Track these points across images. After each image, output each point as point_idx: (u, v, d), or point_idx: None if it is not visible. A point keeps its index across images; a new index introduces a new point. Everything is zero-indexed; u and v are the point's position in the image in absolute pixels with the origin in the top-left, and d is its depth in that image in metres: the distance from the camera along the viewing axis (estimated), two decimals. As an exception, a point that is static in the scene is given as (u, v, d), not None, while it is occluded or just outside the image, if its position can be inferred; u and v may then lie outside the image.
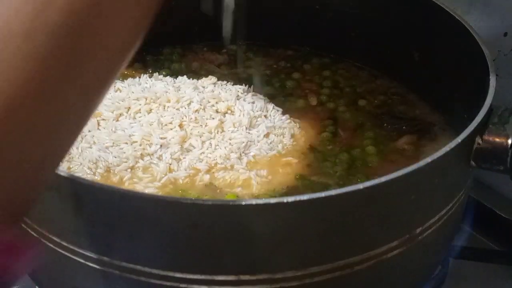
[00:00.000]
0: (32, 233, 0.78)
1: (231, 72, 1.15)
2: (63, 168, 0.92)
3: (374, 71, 1.15)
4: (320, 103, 1.08)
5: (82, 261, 0.75)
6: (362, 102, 1.08)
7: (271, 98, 1.07)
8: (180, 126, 0.96)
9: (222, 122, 0.97)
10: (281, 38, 1.21)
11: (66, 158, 0.93)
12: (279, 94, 1.09)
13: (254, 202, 0.67)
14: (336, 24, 1.15)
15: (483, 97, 0.81)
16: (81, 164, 0.92)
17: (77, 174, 0.89)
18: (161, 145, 0.93)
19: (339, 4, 1.14)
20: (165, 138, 0.93)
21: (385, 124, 1.03)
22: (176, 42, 1.20)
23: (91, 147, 0.93)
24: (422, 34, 1.05)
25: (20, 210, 0.48)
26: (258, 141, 0.96)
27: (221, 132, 0.96)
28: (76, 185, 0.69)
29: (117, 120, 0.98)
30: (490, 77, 0.84)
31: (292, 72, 1.15)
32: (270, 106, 1.03)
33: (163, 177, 0.89)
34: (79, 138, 0.95)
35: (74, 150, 0.93)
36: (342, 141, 1.00)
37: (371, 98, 1.09)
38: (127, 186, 0.89)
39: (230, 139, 0.94)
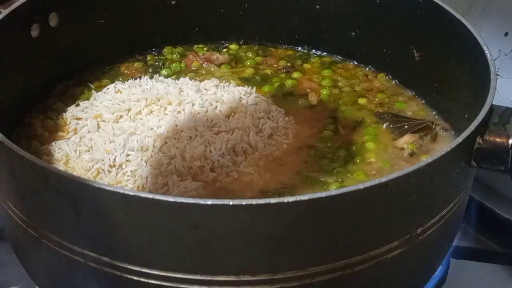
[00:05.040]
0: (32, 233, 0.78)
1: (232, 71, 1.15)
2: (62, 169, 0.92)
3: (374, 70, 1.15)
4: (320, 102, 1.08)
5: (82, 261, 0.75)
6: (362, 100, 1.08)
7: (272, 97, 1.07)
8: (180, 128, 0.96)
9: (225, 124, 0.97)
10: (281, 38, 1.21)
11: (63, 160, 0.93)
12: (279, 93, 1.09)
13: (254, 202, 0.67)
14: (336, 24, 1.15)
15: (483, 97, 0.81)
16: (77, 166, 0.92)
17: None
18: (160, 148, 0.93)
19: (339, 4, 1.14)
20: (168, 138, 0.93)
21: (386, 123, 1.03)
22: (176, 42, 1.20)
23: (89, 151, 0.93)
24: (422, 34, 1.05)
25: None
26: (261, 142, 0.96)
27: (224, 134, 0.96)
28: (76, 185, 0.69)
29: (117, 122, 0.98)
30: (491, 77, 0.84)
31: (293, 71, 1.15)
32: (273, 107, 1.03)
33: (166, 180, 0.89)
34: (77, 140, 0.95)
35: (72, 153, 0.93)
36: (342, 138, 1.00)
37: (371, 97, 1.09)
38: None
39: (233, 141, 0.94)
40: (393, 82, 1.13)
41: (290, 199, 0.67)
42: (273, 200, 0.68)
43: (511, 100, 1.16)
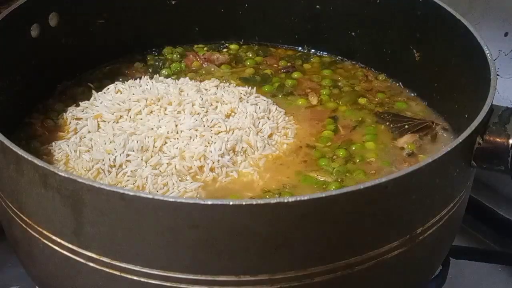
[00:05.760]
0: (32, 232, 0.78)
1: (232, 71, 1.15)
2: (62, 169, 0.92)
3: (374, 70, 1.15)
4: (320, 102, 1.08)
5: (82, 261, 0.75)
6: (363, 100, 1.08)
7: (272, 97, 1.07)
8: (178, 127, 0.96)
9: (225, 124, 0.97)
10: (281, 38, 1.21)
11: (63, 160, 0.93)
12: (279, 93, 1.09)
13: (254, 202, 0.67)
14: (336, 24, 1.15)
15: (483, 97, 0.81)
16: (77, 166, 0.92)
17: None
18: (160, 148, 0.93)
19: (339, 4, 1.14)
20: (168, 138, 0.93)
21: (387, 123, 1.03)
22: (176, 42, 1.20)
23: (89, 151, 0.93)
24: (422, 34, 1.05)
25: None
26: (261, 142, 0.96)
27: (224, 134, 0.96)
28: (76, 185, 0.69)
29: (117, 122, 0.98)
30: (491, 77, 0.84)
31: (293, 71, 1.15)
32: (273, 107, 1.03)
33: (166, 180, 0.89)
34: (77, 140, 0.95)
35: (72, 153, 0.93)
36: (342, 138, 1.00)
37: (371, 97, 1.09)
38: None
39: (233, 141, 0.94)
40: (393, 82, 1.13)
41: (290, 199, 0.67)
42: (273, 200, 0.68)
43: (511, 100, 1.16)
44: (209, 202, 0.67)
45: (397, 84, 1.12)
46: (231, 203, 0.67)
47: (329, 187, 0.91)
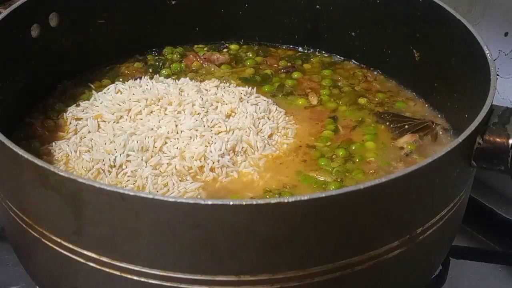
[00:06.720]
0: (33, 233, 0.78)
1: (232, 71, 1.15)
2: (62, 169, 0.92)
3: (374, 70, 1.15)
4: (320, 102, 1.08)
5: (82, 261, 0.75)
6: (362, 100, 1.08)
7: (272, 97, 1.07)
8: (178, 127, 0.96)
9: (225, 124, 0.97)
10: (281, 38, 1.21)
11: (64, 160, 0.93)
12: (279, 93, 1.09)
13: (254, 202, 0.67)
14: (336, 24, 1.15)
15: (483, 97, 0.81)
16: (77, 166, 0.92)
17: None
18: (160, 148, 0.93)
19: (339, 4, 1.14)
20: (168, 138, 0.94)
21: (387, 123, 1.03)
22: (176, 42, 1.20)
23: (89, 151, 0.93)
24: (422, 34, 1.05)
25: None
26: (262, 142, 0.96)
27: (224, 134, 0.96)
28: (76, 185, 0.69)
29: (117, 122, 0.98)
30: (491, 77, 0.84)
31: (293, 71, 1.15)
32: (274, 107, 1.03)
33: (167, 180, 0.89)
34: (77, 140, 0.95)
35: (72, 153, 0.93)
36: (342, 138, 1.00)
37: (371, 97, 1.09)
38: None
39: (233, 141, 0.94)
40: (393, 82, 1.13)
41: (290, 199, 0.67)
42: (273, 200, 0.68)
43: (511, 100, 1.16)
44: (210, 202, 0.67)
45: (397, 84, 1.12)
46: (231, 203, 0.67)
47: (328, 187, 0.91)
